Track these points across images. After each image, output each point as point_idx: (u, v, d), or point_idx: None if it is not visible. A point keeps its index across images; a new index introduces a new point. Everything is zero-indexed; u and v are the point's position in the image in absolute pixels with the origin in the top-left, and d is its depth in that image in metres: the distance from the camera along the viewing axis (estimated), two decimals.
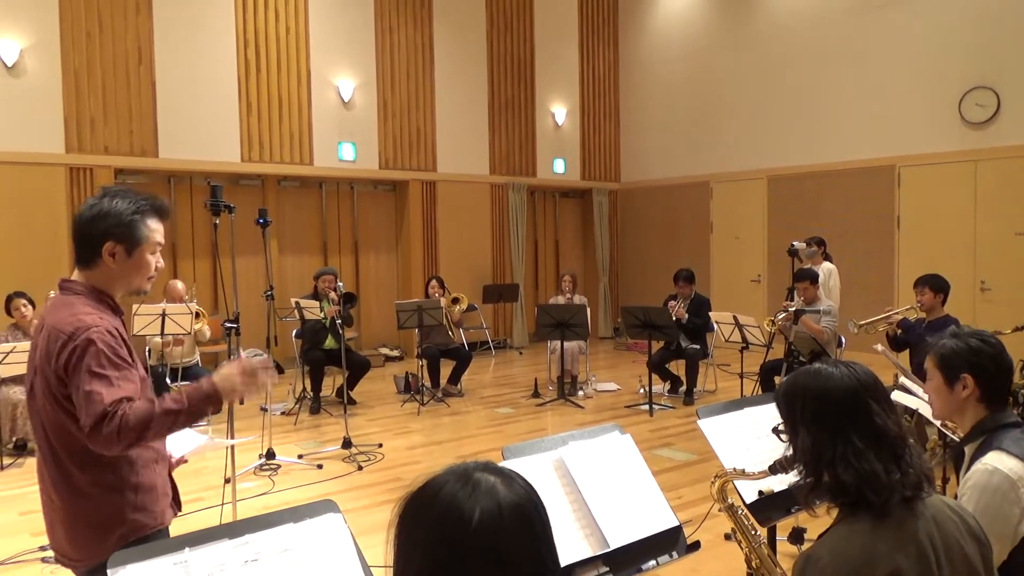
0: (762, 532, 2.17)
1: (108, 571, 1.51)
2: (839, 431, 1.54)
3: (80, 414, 1.86)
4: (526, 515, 1.04)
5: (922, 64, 8.82)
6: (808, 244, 7.71)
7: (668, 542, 2.21)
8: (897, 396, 3.16)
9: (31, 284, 6.39)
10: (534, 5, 11.51)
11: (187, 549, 1.57)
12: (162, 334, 6.20)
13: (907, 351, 5.49)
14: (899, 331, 5.45)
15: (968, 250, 8.50)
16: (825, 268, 7.61)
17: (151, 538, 1.98)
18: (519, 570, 1.02)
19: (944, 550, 1.49)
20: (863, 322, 5.73)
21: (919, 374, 4.23)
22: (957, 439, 2.61)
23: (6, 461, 5.61)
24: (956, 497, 1.91)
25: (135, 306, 6.00)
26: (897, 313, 5.54)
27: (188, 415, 1.90)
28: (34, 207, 7.64)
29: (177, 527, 4.31)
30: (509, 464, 2.08)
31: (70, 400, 1.92)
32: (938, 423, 2.88)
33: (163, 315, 6.13)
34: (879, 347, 4.15)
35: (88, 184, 7.94)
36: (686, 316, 7.58)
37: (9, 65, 7.52)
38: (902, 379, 3.37)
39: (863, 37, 9.33)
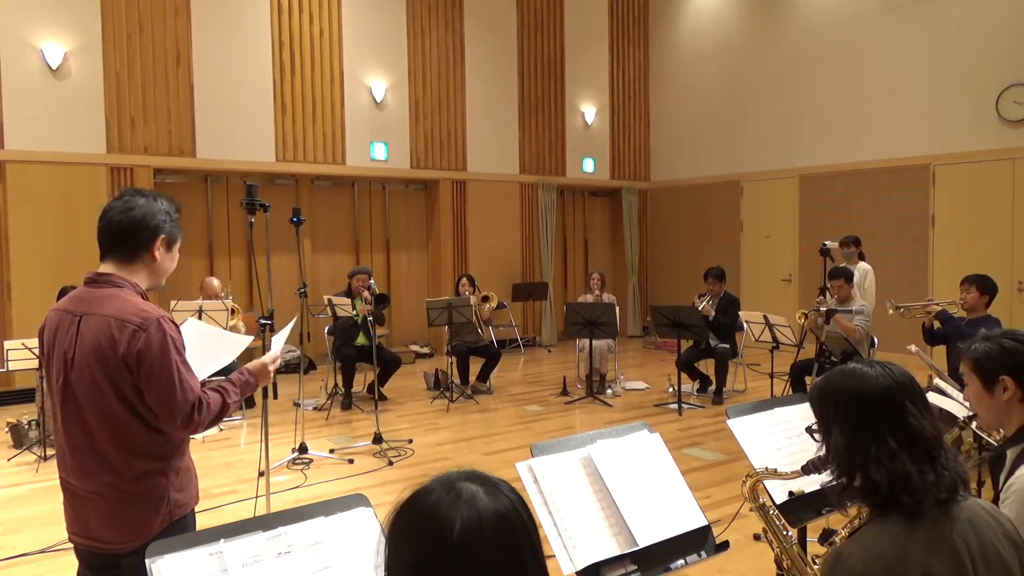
0: (793, 533, 2.16)
1: (147, 560, 1.54)
2: (873, 431, 1.52)
3: (168, 403, 1.98)
4: (508, 524, 1.05)
5: (958, 61, 8.64)
6: (843, 245, 7.60)
7: (697, 541, 2.20)
8: (931, 397, 3.11)
9: (74, 280, 6.54)
10: (564, 5, 11.49)
11: (222, 540, 1.61)
12: None
13: (942, 351, 5.39)
14: (937, 323, 5.36)
15: (1005, 250, 8.31)
16: (861, 268, 7.50)
17: (188, 517, 2.12)
18: None
19: (980, 553, 1.46)
20: (901, 304, 5.64)
21: (957, 375, 4.16)
22: (994, 442, 2.56)
23: (49, 452, 5.77)
24: (994, 501, 1.87)
25: (172, 302, 6.14)
26: (937, 304, 5.45)
27: (239, 400, 2.20)
28: (77, 206, 7.83)
29: (212, 519, 4.41)
30: (538, 461, 2.10)
31: (135, 389, 1.98)
32: (974, 425, 2.83)
33: (200, 311, 6.26)
34: (913, 347, 4.09)
35: (128, 184, 8.12)
36: (712, 313, 7.52)
37: (54, 68, 7.72)
38: (936, 380, 3.31)
39: (897, 34, 9.17)
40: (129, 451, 2.01)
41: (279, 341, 2.62)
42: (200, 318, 6.24)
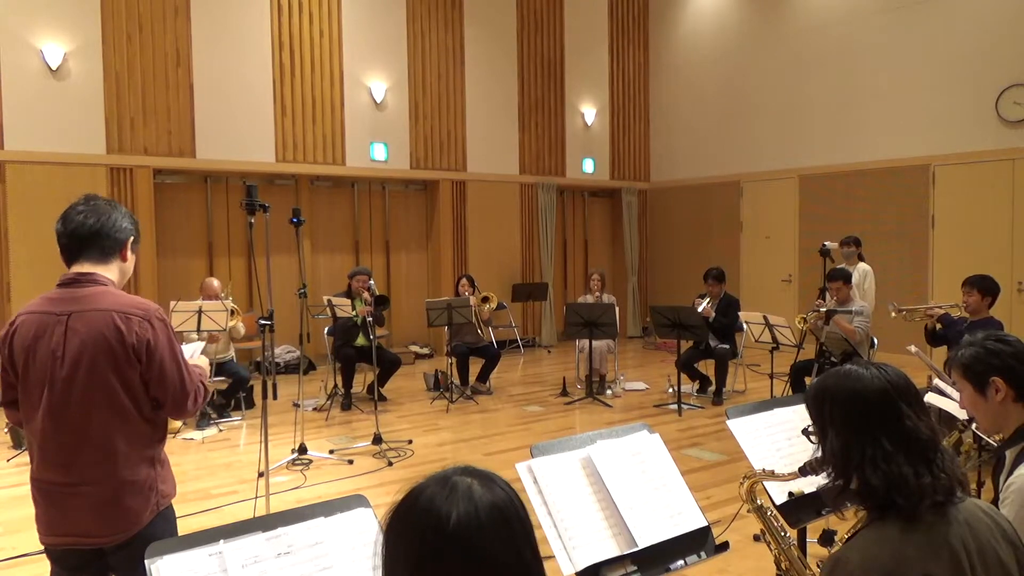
0: (792, 534, 2.16)
1: (146, 561, 1.55)
2: (868, 433, 1.52)
3: (180, 387, 2.09)
4: (503, 515, 1.06)
5: (958, 62, 8.64)
6: (844, 244, 7.60)
7: (697, 542, 2.21)
8: (931, 398, 3.11)
9: None
10: (564, 6, 11.50)
11: (222, 541, 1.61)
12: (198, 330, 6.32)
13: (942, 352, 5.40)
14: (939, 325, 5.37)
15: (1005, 251, 8.31)
16: (861, 269, 7.49)
17: (169, 508, 2.20)
18: (499, 569, 1.04)
19: (978, 553, 1.46)
20: (903, 307, 5.65)
21: None
22: (993, 443, 2.56)
23: None
24: (994, 502, 1.87)
25: (172, 303, 6.13)
26: (939, 308, 5.46)
27: None
28: None
29: (212, 519, 4.41)
30: (537, 462, 2.10)
31: (140, 378, 2.05)
32: (974, 426, 2.84)
33: (199, 312, 6.25)
34: (913, 348, 4.09)
35: (128, 184, 8.13)
36: (713, 314, 7.52)
37: (53, 68, 7.72)
38: (936, 381, 3.31)
39: (897, 34, 9.17)
40: (130, 440, 2.06)
41: (198, 354, 2.69)
42: (200, 318, 6.24)
